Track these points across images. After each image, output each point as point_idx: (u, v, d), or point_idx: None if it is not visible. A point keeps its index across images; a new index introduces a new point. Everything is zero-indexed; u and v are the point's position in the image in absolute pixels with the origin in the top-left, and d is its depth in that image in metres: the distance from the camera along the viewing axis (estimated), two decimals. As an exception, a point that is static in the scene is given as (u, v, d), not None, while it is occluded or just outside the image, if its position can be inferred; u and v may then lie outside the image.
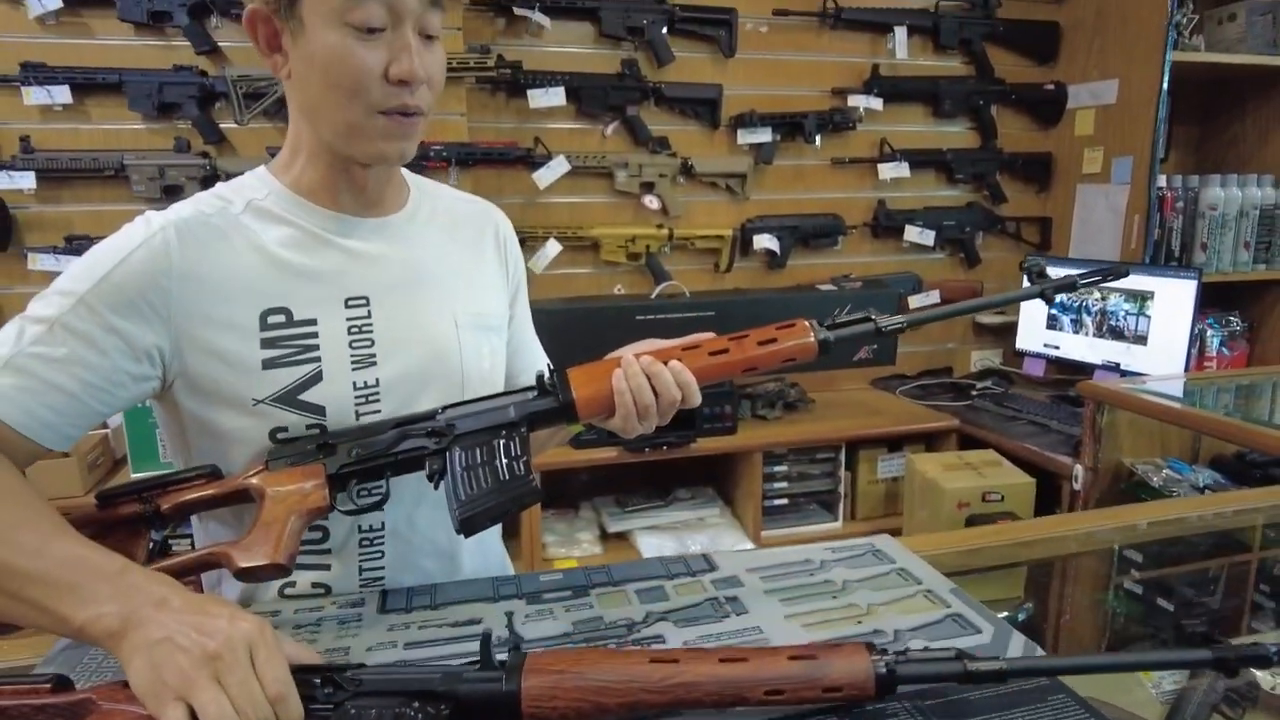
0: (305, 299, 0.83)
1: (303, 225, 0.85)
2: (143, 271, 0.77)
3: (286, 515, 0.74)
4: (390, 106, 0.79)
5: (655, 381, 0.78)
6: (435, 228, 0.94)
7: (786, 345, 0.81)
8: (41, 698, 0.62)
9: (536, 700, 0.61)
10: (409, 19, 0.77)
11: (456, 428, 0.78)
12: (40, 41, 1.94)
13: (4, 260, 2.00)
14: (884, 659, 0.62)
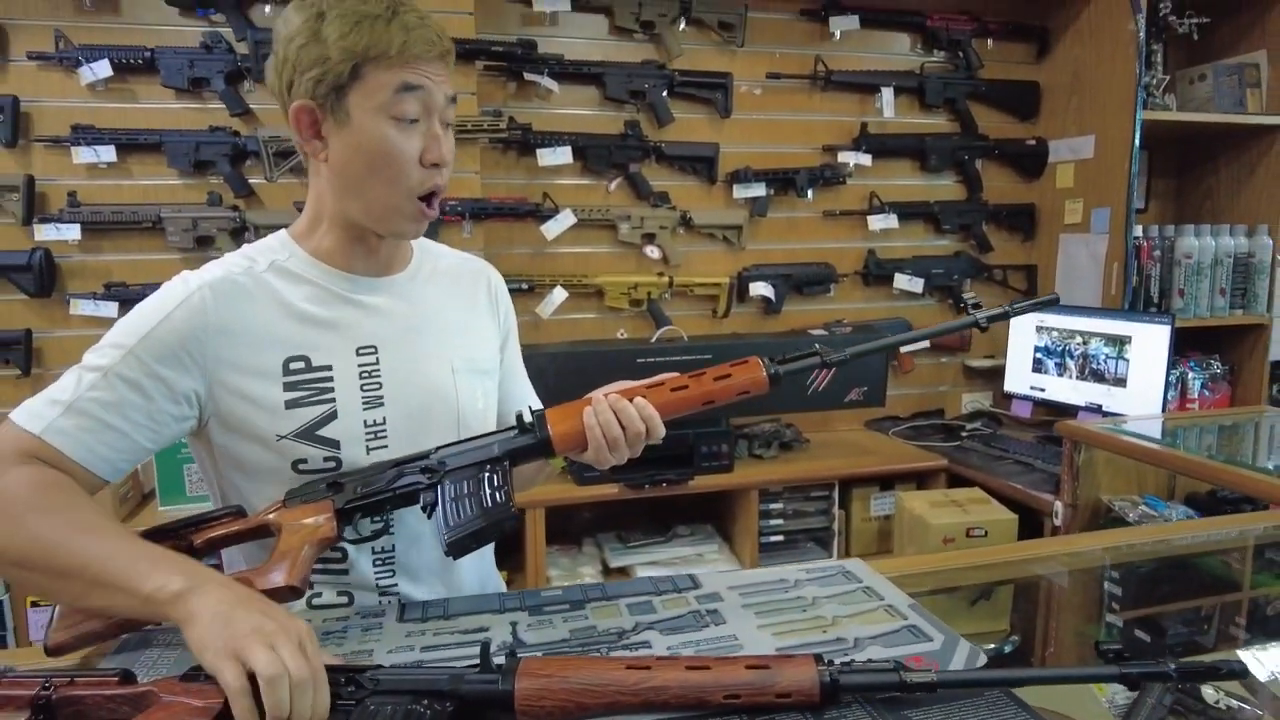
0: (322, 348, 0.95)
1: (320, 284, 0.97)
2: (182, 327, 0.89)
3: (301, 545, 0.84)
4: (425, 190, 0.93)
5: (621, 416, 0.88)
6: (435, 284, 1.06)
7: (740, 379, 0.90)
8: (111, 689, 0.73)
9: (528, 700, 0.70)
10: (437, 112, 0.92)
11: (446, 464, 0.88)
12: (90, 106, 2.11)
13: (48, 305, 2.14)
14: (829, 669, 0.71)
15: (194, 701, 0.70)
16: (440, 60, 0.92)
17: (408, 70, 0.89)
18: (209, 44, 2.12)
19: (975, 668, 0.80)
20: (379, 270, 1.01)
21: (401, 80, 0.88)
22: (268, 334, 0.93)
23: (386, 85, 0.88)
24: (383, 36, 0.87)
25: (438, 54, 0.91)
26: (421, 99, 0.90)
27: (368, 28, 0.87)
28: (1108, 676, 0.74)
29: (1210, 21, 2.58)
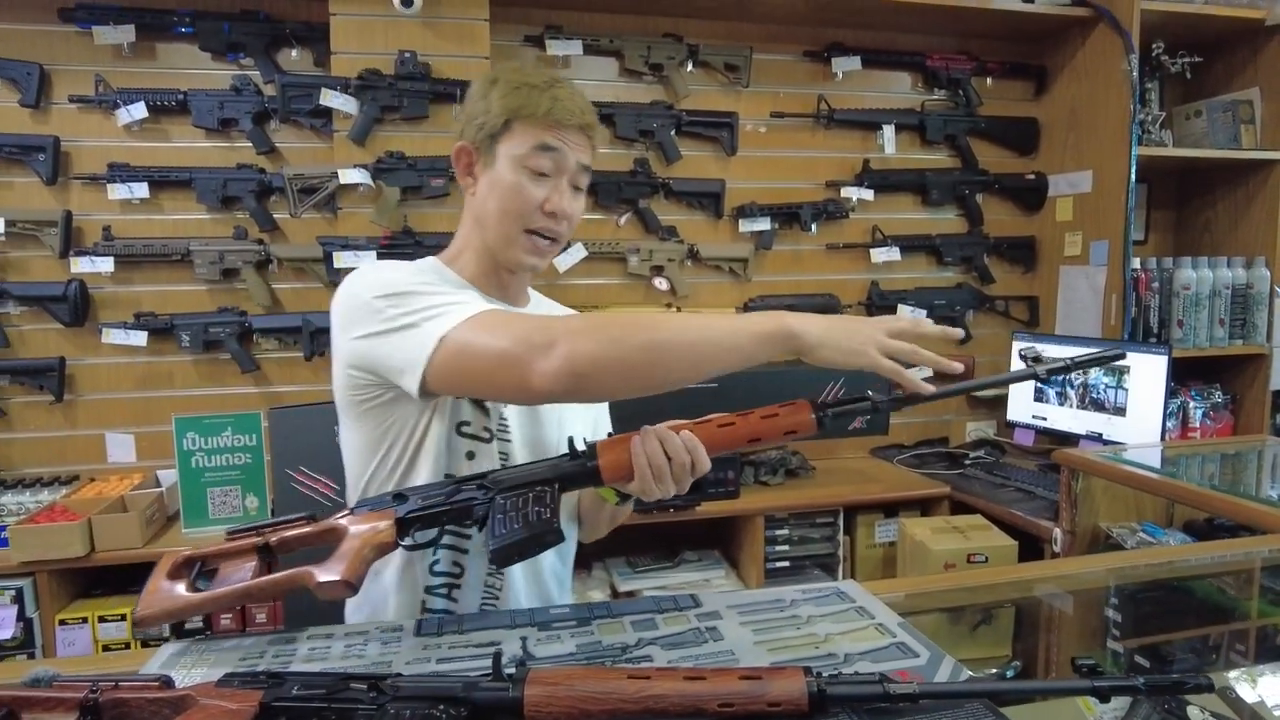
0: None
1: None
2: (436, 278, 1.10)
3: (361, 547, 0.91)
4: (536, 227, 1.08)
5: (667, 447, 0.93)
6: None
7: (786, 420, 0.94)
8: (152, 693, 0.79)
9: (536, 706, 0.76)
10: (567, 173, 1.07)
11: (501, 483, 0.94)
12: (126, 145, 2.22)
13: (80, 334, 2.23)
14: (817, 681, 0.76)
15: (229, 705, 0.76)
16: (579, 130, 1.07)
17: (548, 133, 1.05)
18: (238, 87, 2.24)
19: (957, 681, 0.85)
20: (511, 298, 1.18)
21: (541, 140, 1.05)
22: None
23: (528, 141, 1.05)
24: (534, 100, 1.04)
25: (577, 124, 1.06)
26: (554, 159, 1.06)
27: (525, 93, 1.05)
28: (1080, 689, 0.79)
29: (1203, 60, 2.65)
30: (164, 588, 0.92)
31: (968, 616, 1.30)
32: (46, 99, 2.17)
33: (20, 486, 2.13)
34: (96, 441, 2.28)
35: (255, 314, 2.29)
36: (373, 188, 2.20)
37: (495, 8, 2.23)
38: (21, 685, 0.79)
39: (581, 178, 1.10)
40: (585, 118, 1.07)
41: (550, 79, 1.08)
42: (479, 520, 0.94)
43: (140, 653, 0.89)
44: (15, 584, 1.89)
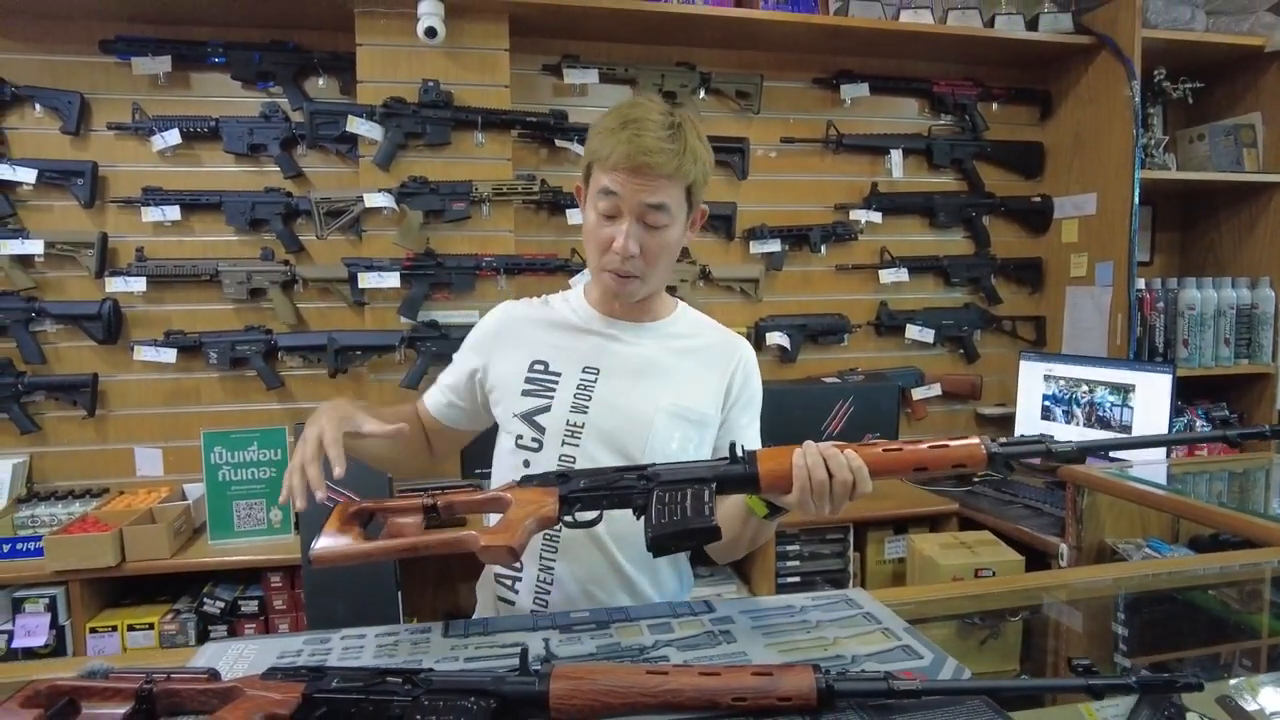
0: (560, 359, 1.22)
1: (579, 316, 1.26)
2: (485, 330, 1.29)
3: (525, 517, 0.96)
4: (608, 267, 1.15)
5: (830, 463, 0.93)
6: (681, 340, 1.26)
7: (955, 451, 0.95)
8: (202, 684, 0.84)
9: (560, 699, 0.81)
10: (630, 214, 1.11)
11: (661, 476, 0.97)
12: (159, 170, 2.31)
13: (113, 351, 2.31)
14: (825, 677, 0.81)
15: (274, 695, 0.82)
16: (639, 172, 1.09)
17: (609, 176, 1.11)
18: (267, 114, 2.33)
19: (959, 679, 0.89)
20: (631, 317, 1.24)
21: (603, 184, 1.12)
22: (529, 343, 1.24)
23: (598, 184, 1.13)
24: (605, 145, 1.10)
25: (638, 165, 1.08)
26: (614, 202, 1.11)
27: (601, 138, 1.12)
28: (1075, 687, 0.83)
29: (1205, 86, 2.71)
30: (336, 536, 0.96)
31: (976, 631, 1.34)
32: (86, 126, 2.26)
33: (53, 499, 2.20)
34: (126, 455, 2.35)
35: (280, 332, 2.36)
36: (397, 211, 2.28)
37: (515, 38, 2.32)
38: (80, 677, 0.85)
39: (653, 215, 1.11)
40: (645, 157, 1.08)
41: (628, 119, 1.10)
42: (638, 508, 0.96)
43: (173, 652, 0.95)
44: (49, 592, 1.96)
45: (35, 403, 2.28)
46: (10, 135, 2.23)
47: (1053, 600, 1.37)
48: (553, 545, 1.19)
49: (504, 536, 0.94)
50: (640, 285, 1.17)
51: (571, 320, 1.25)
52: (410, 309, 2.28)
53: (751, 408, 1.29)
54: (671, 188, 1.11)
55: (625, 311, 1.24)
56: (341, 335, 2.31)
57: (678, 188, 1.12)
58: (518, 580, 1.22)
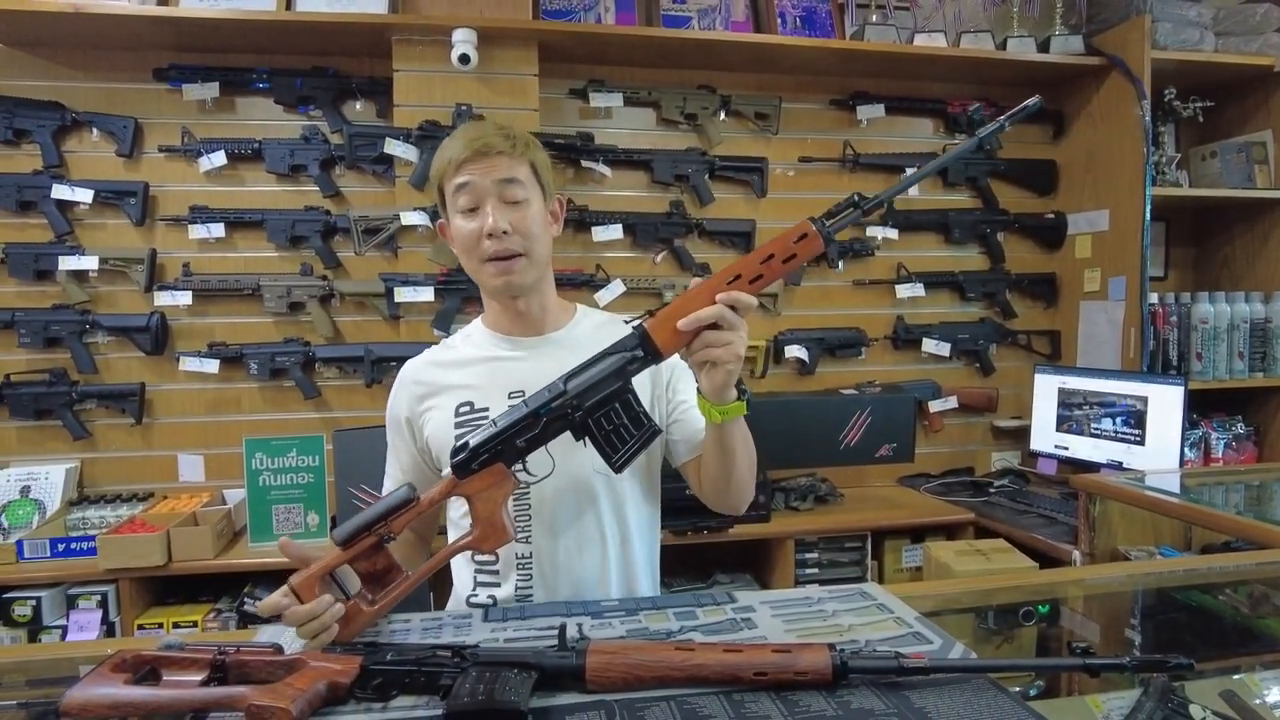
0: (482, 395, 1.23)
1: (485, 346, 1.28)
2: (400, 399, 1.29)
3: (495, 507, 1.02)
4: (488, 255, 1.17)
5: (706, 309, 0.98)
6: (588, 341, 1.21)
7: (788, 241, 1.03)
8: (269, 657, 0.93)
9: (596, 671, 0.89)
10: (488, 196, 1.16)
11: (584, 402, 1.01)
12: (206, 190, 2.43)
13: (159, 362, 2.43)
14: (839, 655, 0.88)
15: (335, 666, 0.90)
16: (482, 155, 1.15)
17: (457, 174, 1.16)
18: (307, 136, 2.44)
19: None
20: (531, 331, 1.27)
21: (455, 184, 1.17)
22: (444, 389, 1.25)
23: (449, 191, 1.18)
24: (442, 158, 1.18)
25: (479, 150, 1.15)
26: (470, 191, 1.16)
27: (438, 158, 1.20)
28: (1073, 666, 0.89)
29: (1215, 104, 2.76)
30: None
31: (992, 639, 1.39)
32: (139, 149, 2.39)
33: (102, 502, 2.31)
34: (169, 461, 2.46)
35: (318, 344, 2.47)
36: (431, 229, 2.38)
37: (543, 64, 2.42)
38: (159, 649, 0.93)
39: (510, 190, 1.16)
40: (482, 141, 1.15)
41: (459, 132, 1.20)
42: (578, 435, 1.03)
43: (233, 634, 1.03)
44: (101, 589, 2.06)
45: (87, 410, 2.40)
46: (69, 158, 2.36)
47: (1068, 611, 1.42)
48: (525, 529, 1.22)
49: (498, 538, 1.04)
50: (526, 264, 1.19)
51: (477, 353, 1.27)
52: (443, 322, 2.38)
53: (684, 379, 1.29)
54: (516, 165, 1.17)
55: (526, 327, 1.26)
56: (377, 347, 2.42)
57: (523, 165, 1.18)
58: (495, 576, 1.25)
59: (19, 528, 2.22)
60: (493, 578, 1.25)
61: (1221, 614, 1.50)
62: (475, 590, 1.27)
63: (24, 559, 2.08)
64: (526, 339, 1.27)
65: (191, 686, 0.88)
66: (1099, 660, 0.89)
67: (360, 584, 1.02)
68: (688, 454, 1.28)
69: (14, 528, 2.23)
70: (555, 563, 1.23)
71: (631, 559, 1.29)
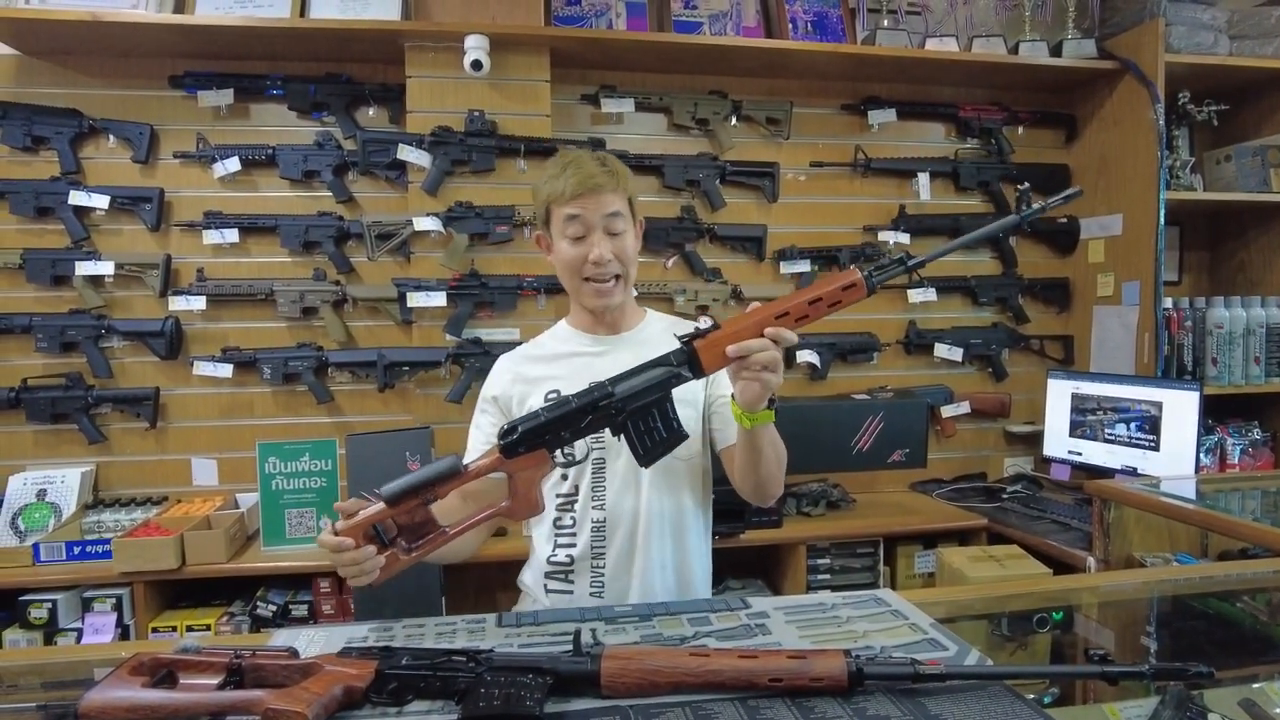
0: (566, 383, 1.35)
1: (570, 342, 1.47)
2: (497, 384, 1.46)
3: (531, 484, 1.12)
4: (589, 276, 1.37)
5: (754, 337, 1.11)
6: (653, 340, 1.43)
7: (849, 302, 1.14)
8: (285, 660, 0.93)
9: (611, 677, 0.88)
10: (596, 228, 1.35)
11: (627, 406, 1.12)
12: (220, 195, 2.45)
13: (173, 367, 2.44)
14: (855, 661, 0.88)
15: (350, 670, 0.90)
16: (592, 193, 1.33)
17: (570, 206, 1.34)
18: (321, 142, 2.46)
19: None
20: (609, 330, 1.46)
21: (566, 214, 1.35)
22: (537, 379, 1.42)
23: (560, 218, 1.36)
24: (556, 188, 1.36)
25: (589, 188, 1.33)
26: (580, 223, 1.35)
27: (550, 184, 1.37)
28: (1090, 674, 0.89)
29: (1230, 108, 2.74)
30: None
31: (1006, 645, 1.38)
32: (154, 155, 2.41)
33: (117, 505, 2.33)
34: (183, 465, 2.48)
35: (331, 349, 2.48)
36: (443, 234, 2.39)
37: (555, 70, 2.44)
38: (175, 653, 0.94)
39: (614, 223, 1.36)
40: (593, 180, 1.34)
41: (565, 164, 1.37)
42: (615, 430, 1.14)
43: (249, 637, 1.04)
44: (116, 592, 2.07)
45: (102, 414, 2.42)
46: (87, 164, 2.39)
47: (1083, 618, 1.41)
48: (601, 528, 1.39)
49: (527, 511, 1.13)
50: (621, 287, 1.39)
51: (564, 349, 1.47)
52: (455, 327, 2.39)
53: (720, 379, 1.43)
54: (618, 199, 1.36)
55: (609, 327, 1.46)
56: (390, 352, 2.43)
57: (622, 198, 1.37)
58: (569, 572, 1.41)
59: (35, 531, 2.24)
60: (570, 539, 1.42)
61: (1239, 621, 1.49)
62: (554, 551, 1.42)
63: (40, 562, 2.10)
64: (606, 337, 1.46)
65: (208, 690, 0.89)
66: (1117, 668, 0.88)
67: (397, 532, 1.10)
68: (722, 443, 1.43)
69: (30, 531, 2.25)
70: (620, 527, 1.39)
71: (684, 531, 1.45)
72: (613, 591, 1.40)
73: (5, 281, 2.37)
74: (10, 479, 2.31)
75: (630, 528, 1.39)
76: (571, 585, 1.41)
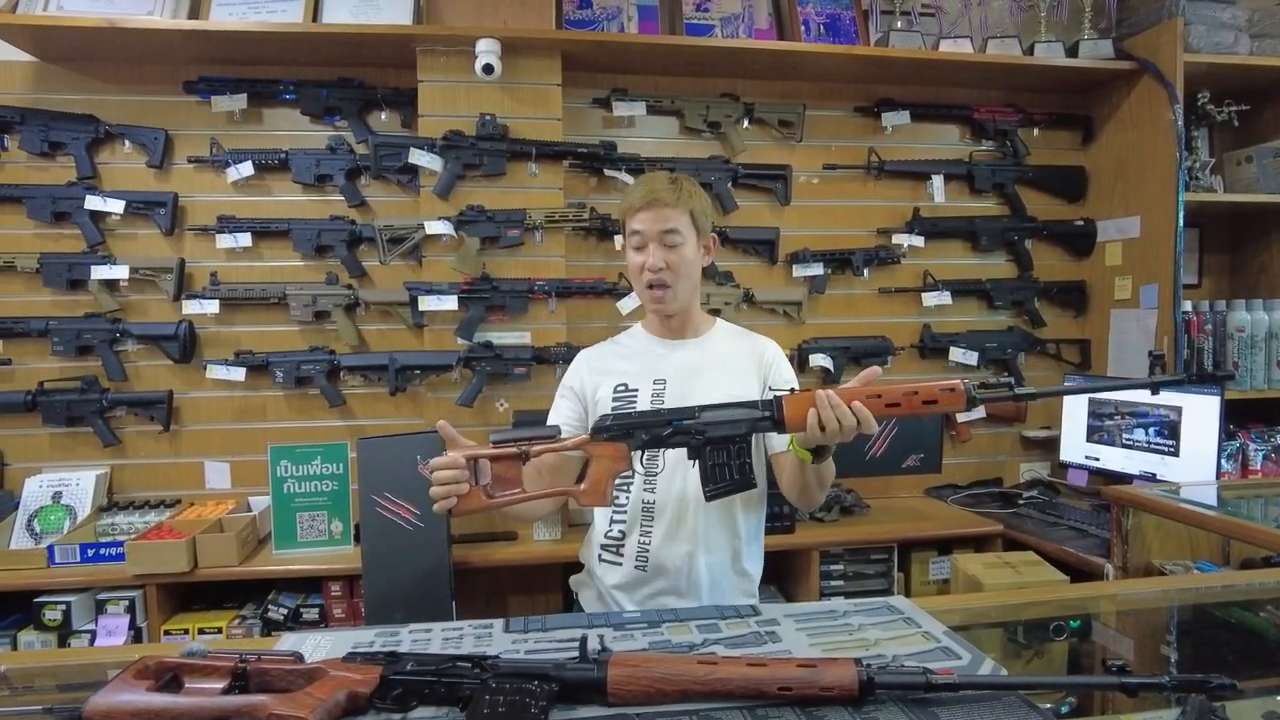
0: (633, 378, 1.57)
1: (640, 342, 1.64)
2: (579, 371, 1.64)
3: (606, 476, 1.24)
4: (646, 283, 1.51)
5: (838, 412, 1.19)
6: (720, 348, 1.60)
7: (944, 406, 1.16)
8: (289, 665, 0.93)
9: (617, 684, 0.87)
10: (651, 240, 1.50)
11: (707, 433, 1.22)
12: (233, 200, 2.46)
13: (186, 370, 2.46)
14: (866, 670, 0.86)
15: (355, 675, 0.90)
16: (651, 207, 1.48)
17: (633, 218, 1.51)
18: (333, 146, 2.47)
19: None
20: (677, 335, 1.61)
21: (631, 226, 1.52)
22: (610, 372, 1.59)
23: (627, 229, 1.53)
24: (628, 202, 1.53)
25: (650, 202, 1.48)
26: (640, 236, 1.51)
27: (627, 197, 1.55)
28: (1109, 685, 0.87)
29: (1251, 108, 2.70)
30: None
31: (1022, 654, 1.36)
32: (169, 160, 2.43)
33: (131, 508, 2.34)
34: (196, 469, 2.49)
35: (343, 353, 2.48)
36: (455, 238, 2.39)
37: (566, 73, 2.43)
38: (181, 657, 0.93)
39: (669, 238, 1.49)
40: (655, 195, 1.48)
41: (643, 181, 1.54)
42: (691, 454, 1.25)
43: (256, 641, 1.04)
44: (129, 595, 2.08)
45: (117, 417, 2.43)
46: (102, 170, 2.41)
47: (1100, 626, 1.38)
48: (649, 513, 1.53)
49: (596, 498, 1.24)
50: (671, 295, 1.51)
51: (636, 348, 1.63)
52: (467, 330, 2.39)
53: (783, 369, 1.60)
54: (678, 215, 1.48)
55: (675, 332, 1.60)
56: (401, 355, 2.43)
57: (683, 215, 1.49)
58: (620, 546, 1.55)
59: (50, 533, 2.26)
60: (622, 515, 1.55)
61: (1263, 632, 1.46)
62: (610, 525, 1.57)
63: (55, 564, 2.11)
64: (673, 341, 1.60)
65: (213, 694, 0.88)
66: (1136, 679, 0.86)
67: (490, 479, 1.22)
68: (773, 449, 1.54)
69: (46, 533, 2.26)
70: (669, 509, 1.51)
71: (733, 520, 1.55)
72: (655, 567, 1.51)
73: (23, 286, 2.39)
74: (26, 481, 2.33)
75: (677, 511, 1.50)
76: (620, 558, 1.55)
